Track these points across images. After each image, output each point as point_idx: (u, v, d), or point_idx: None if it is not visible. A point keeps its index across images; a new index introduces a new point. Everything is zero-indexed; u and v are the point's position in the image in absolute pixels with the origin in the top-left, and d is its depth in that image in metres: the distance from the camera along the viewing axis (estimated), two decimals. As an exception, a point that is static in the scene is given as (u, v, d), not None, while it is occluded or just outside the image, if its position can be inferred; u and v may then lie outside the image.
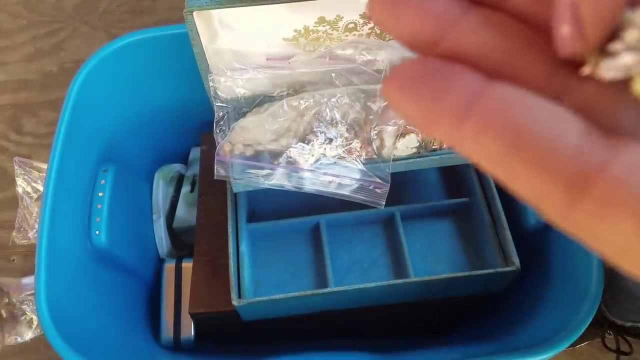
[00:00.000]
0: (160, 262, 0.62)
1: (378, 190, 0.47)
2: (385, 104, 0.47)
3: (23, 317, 0.62)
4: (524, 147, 0.12)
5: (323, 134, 0.47)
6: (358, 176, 0.47)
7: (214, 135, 0.47)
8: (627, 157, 0.12)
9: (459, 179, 0.57)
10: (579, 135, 0.12)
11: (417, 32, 0.14)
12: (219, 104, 0.47)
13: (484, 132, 0.12)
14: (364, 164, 0.47)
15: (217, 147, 0.46)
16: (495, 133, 0.12)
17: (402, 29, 0.14)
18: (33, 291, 0.60)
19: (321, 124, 0.47)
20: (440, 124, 0.13)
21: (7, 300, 0.63)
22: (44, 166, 0.70)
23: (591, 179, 0.12)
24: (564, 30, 0.13)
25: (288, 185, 0.45)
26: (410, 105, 0.13)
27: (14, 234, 0.69)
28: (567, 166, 0.12)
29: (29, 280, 0.66)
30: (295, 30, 0.45)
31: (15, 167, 0.70)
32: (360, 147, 0.47)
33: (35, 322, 0.63)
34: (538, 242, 0.53)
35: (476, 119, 0.13)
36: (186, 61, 0.48)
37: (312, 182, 0.46)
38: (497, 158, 0.12)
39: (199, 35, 0.43)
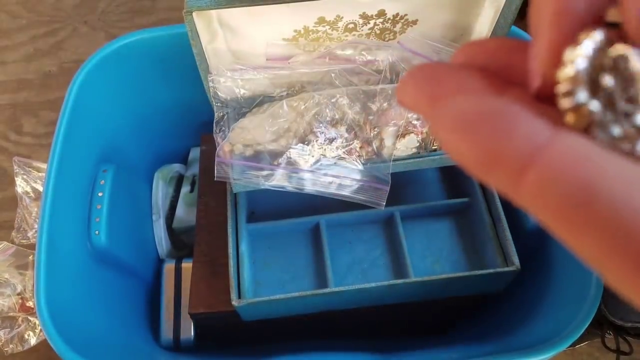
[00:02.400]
0: (160, 262, 0.62)
1: (378, 191, 0.47)
2: (385, 103, 0.46)
3: (25, 323, 0.62)
4: (591, 209, 0.11)
5: (323, 135, 0.47)
6: (358, 177, 0.47)
7: (214, 136, 0.47)
8: None
9: (459, 179, 0.57)
10: None
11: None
12: (219, 104, 0.47)
13: (547, 186, 0.11)
14: (364, 164, 0.47)
15: (217, 148, 0.46)
16: (559, 189, 0.11)
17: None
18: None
19: (321, 125, 0.47)
20: (498, 168, 0.12)
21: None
22: (44, 166, 0.70)
23: None
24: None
25: (288, 186, 0.45)
26: (464, 145, 0.12)
27: (13, 233, 0.69)
28: (636, 240, 0.11)
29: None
30: (295, 31, 0.44)
31: (15, 167, 0.70)
32: (360, 147, 0.47)
33: (38, 327, 0.62)
34: (538, 242, 0.53)
35: (540, 169, 0.12)
36: (186, 61, 0.48)
37: (312, 183, 0.46)
38: (558, 215, 0.11)
39: (198, 36, 0.42)
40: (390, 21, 0.45)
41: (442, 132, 0.13)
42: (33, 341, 0.61)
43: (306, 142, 0.46)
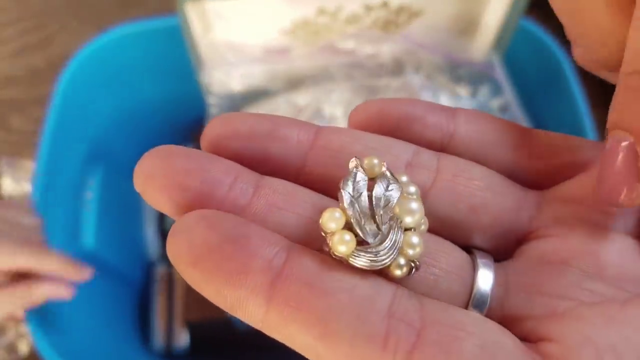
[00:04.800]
0: (152, 266, 0.60)
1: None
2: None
3: (15, 332, 0.60)
4: (332, 337, 0.12)
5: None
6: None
7: None
8: (434, 334, 0.12)
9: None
10: (384, 316, 0.12)
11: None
12: (213, 99, 0.46)
13: (288, 320, 0.12)
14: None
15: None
16: (299, 321, 0.12)
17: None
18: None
19: (320, 122, 0.45)
20: (244, 307, 0.12)
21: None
22: (32, 165, 0.68)
23: None
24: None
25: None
26: (206, 283, 0.12)
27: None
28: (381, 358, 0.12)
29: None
30: (294, 22, 0.43)
31: (3, 166, 0.68)
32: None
33: (28, 336, 0.61)
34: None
35: (280, 304, 0.12)
36: (178, 54, 0.46)
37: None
38: (306, 346, 0.12)
39: (193, 28, 0.42)
40: (394, 12, 0.44)
41: (177, 266, 0.13)
42: (24, 350, 0.60)
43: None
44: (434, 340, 0.12)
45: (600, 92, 0.52)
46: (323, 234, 0.14)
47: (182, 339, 0.55)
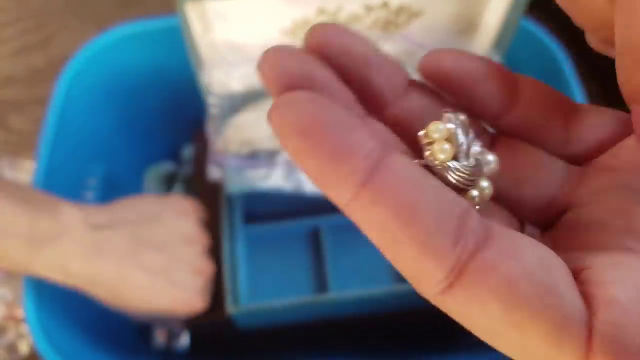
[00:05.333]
0: None
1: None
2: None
3: (15, 332, 0.60)
4: (413, 225, 0.13)
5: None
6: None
7: (208, 133, 0.46)
8: (498, 243, 0.13)
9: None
10: (460, 220, 0.13)
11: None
12: (213, 99, 0.46)
13: (378, 204, 0.13)
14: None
15: (211, 146, 0.44)
16: (388, 207, 0.13)
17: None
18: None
19: None
20: (337, 185, 0.13)
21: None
22: (32, 165, 0.68)
23: (465, 265, 0.13)
24: None
25: (287, 186, 0.44)
26: (308, 155, 0.13)
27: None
28: (447, 252, 0.13)
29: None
30: (294, 22, 0.43)
31: (4, 166, 0.68)
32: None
33: (28, 336, 0.61)
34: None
35: (374, 189, 0.13)
36: (178, 54, 0.46)
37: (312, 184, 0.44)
38: (385, 231, 0.13)
39: (193, 28, 0.41)
40: (394, 13, 0.44)
41: (282, 133, 0.13)
42: (24, 350, 0.59)
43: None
44: (499, 245, 0.13)
45: (601, 92, 0.52)
46: (423, 144, 0.15)
47: (182, 339, 0.54)
